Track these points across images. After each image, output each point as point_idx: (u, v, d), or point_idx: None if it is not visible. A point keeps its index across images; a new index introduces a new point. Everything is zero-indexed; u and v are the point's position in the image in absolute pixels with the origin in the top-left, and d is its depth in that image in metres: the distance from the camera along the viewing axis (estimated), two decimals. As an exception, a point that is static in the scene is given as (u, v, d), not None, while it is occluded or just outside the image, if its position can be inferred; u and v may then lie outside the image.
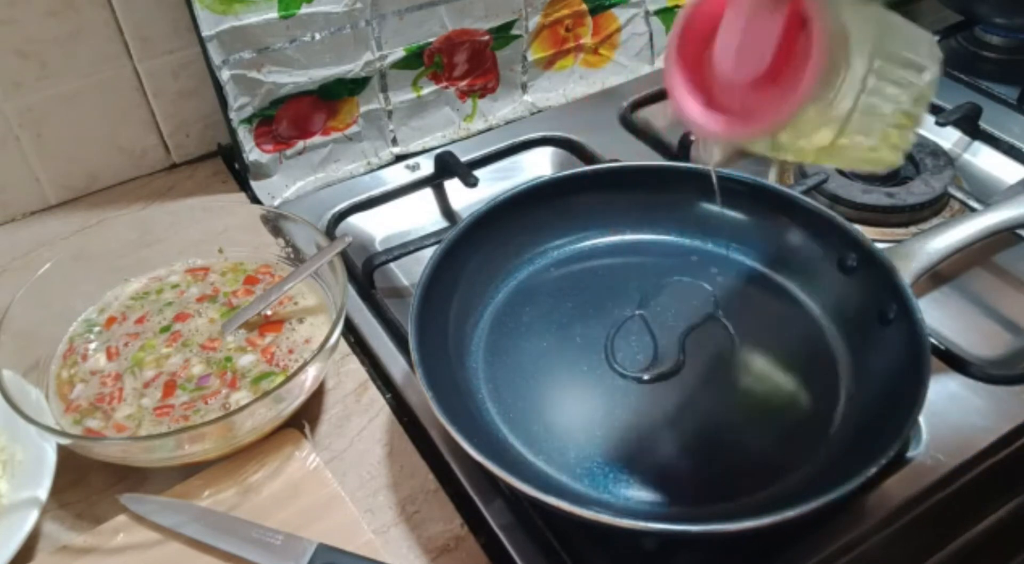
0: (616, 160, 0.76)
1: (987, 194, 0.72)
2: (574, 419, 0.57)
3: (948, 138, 0.81)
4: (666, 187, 0.67)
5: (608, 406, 0.57)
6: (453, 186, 0.77)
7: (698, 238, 0.67)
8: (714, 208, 0.67)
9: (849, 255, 0.61)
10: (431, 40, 0.78)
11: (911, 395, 0.49)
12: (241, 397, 0.56)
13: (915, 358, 0.52)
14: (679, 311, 0.62)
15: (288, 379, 0.53)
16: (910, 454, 0.55)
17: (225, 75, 0.70)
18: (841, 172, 0.75)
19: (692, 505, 0.52)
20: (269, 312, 0.62)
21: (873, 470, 0.46)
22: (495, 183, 0.77)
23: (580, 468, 0.53)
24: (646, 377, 0.58)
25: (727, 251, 0.66)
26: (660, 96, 0.88)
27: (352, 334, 0.65)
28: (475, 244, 0.62)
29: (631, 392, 0.58)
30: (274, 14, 0.69)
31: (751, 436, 0.54)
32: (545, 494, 0.46)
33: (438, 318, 0.58)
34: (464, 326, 0.61)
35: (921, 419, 0.56)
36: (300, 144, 0.77)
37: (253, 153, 0.75)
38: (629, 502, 0.52)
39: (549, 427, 0.56)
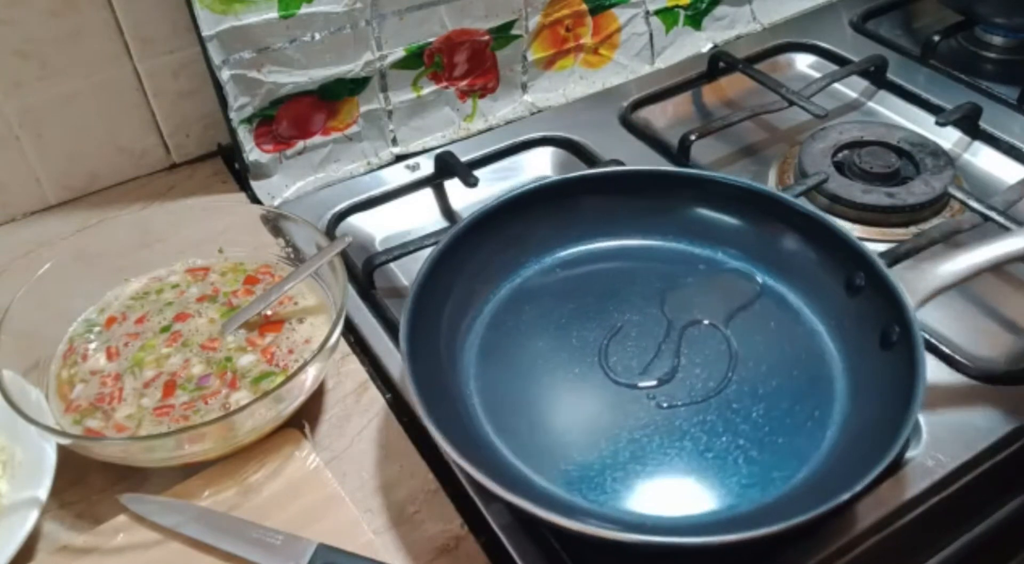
0: (616, 160, 0.76)
1: (987, 194, 0.72)
2: (567, 427, 0.56)
3: (948, 138, 0.81)
4: (670, 193, 0.66)
5: (602, 413, 0.56)
6: (453, 186, 0.77)
7: (701, 245, 0.66)
8: (719, 216, 0.66)
9: (857, 274, 0.59)
10: (431, 40, 0.78)
11: (903, 417, 0.49)
12: (241, 397, 0.56)
13: (911, 380, 0.50)
14: (678, 317, 0.62)
15: (288, 379, 0.53)
16: (909, 455, 0.55)
17: (225, 75, 0.70)
18: (841, 172, 0.75)
19: (688, 513, 0.51)
20: (269, 312, 0.62)
21: (869, 480, 0.45)
22: (495, 183, 0.77)
23: (572, 476, 0.52)
24: (641, 384, 0.58)
25: (730, 259, 0.66)
26: (660, 96, 0.88)
27: (352, 334, 0.65)
28: (474, 245, 0.62)
29: (625, 399, 0.57)
30: (274, 14, 0.69)
31: (747, 443, 0.54)
32: (536, 506, 0.45)
33: (432, 320, 0.58)
34: (459, 329, 0.61)
35: (921, 419, 0.56)
36: (300, 144, 0.77)
37: (253, 153, 0.75)
38: (624, 513, 0.51)
39: (541, 435, 0.55)
